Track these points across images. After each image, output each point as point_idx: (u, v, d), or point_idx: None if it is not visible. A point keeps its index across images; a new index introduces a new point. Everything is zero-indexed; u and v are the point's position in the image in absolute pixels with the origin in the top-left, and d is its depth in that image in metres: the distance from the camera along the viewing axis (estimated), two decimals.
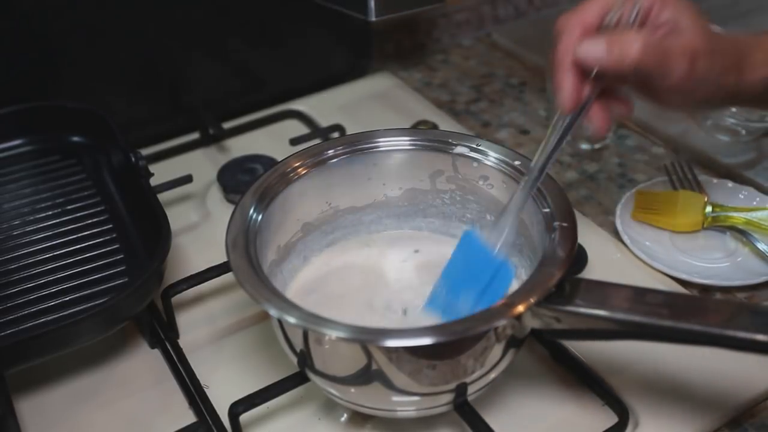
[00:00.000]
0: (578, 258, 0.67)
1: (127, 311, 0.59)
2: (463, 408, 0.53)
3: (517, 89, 0.96)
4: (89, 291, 0.63)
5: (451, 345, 0.48)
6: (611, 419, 0.55)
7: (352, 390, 0.52)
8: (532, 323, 0.50)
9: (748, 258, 0.69)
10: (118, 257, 0.67)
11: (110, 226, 0.70)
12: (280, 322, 0.52)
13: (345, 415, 0.57)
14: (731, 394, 0.57)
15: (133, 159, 0.69)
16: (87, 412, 0.59)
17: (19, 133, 0.78)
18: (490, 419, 0.53)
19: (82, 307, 0.61)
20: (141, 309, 0.60)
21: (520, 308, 0.48)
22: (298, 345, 0.52)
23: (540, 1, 1.12)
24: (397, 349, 0.47)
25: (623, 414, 0.55)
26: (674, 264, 0.68)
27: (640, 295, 0.50)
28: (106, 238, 0.69)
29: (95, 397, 0.60)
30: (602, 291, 0.50)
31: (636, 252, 0.69)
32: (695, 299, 0.51)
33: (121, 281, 0.64)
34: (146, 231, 0.68)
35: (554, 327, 0.50)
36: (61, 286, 0.64)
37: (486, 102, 0.94)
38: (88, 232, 0.69)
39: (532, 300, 0.48)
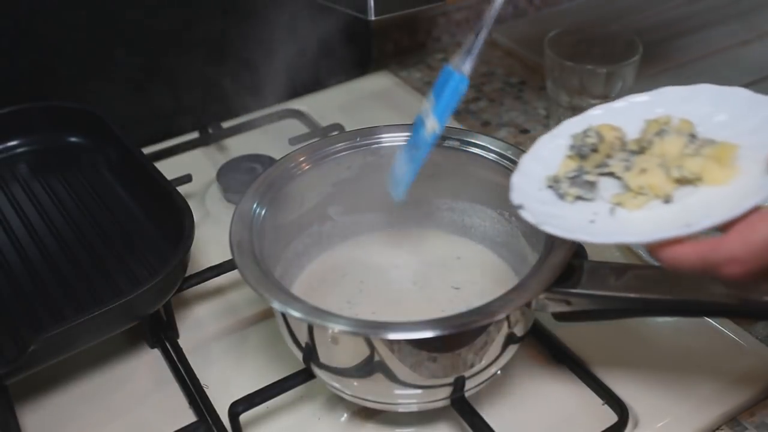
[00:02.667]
0: (578, 257, 0.67)
1: (144, 308, 0.59)
2: (461, 405, 0.53)
3: (516, 88, 0.96)
4: (103, 289, 0.63)
5: (454, 335, 0.48)
6: (611, 418, 0.55)
7: (355, 383, 0.53)
8: (544, 307, 0.51)
9: None
10: (122, 256, 0.67)
11: (111, 226, 0.70)
12: (285, 318, 0.52)
13: (345, 415, 0.58)
14: (731, 393, 0.57)
15: (135, 154, 0.69)
16: (86, 412, 0.59)
17: (18, 134, 0.78)
18: (490, 417, 0.53)
19: (103, 305, 0.57)
20: (161, 305, 0.60)
21: (531, 293, 0.49)
22: (303, 339, 0.52)
23: (540, 0, 1.12)
24: (399, 342, 0.48)
25: (623, 413, 0.55)
26: None
27: (645, 271, 0.51)
28: (107, 237, 0.69)
29: (95, 397, 0.60)
30: (608, 271, 0.51)
31: (636, 251, 0.69)
32: None
33: (128, 280, 0.64)
34: (148, 230, 0.68)
35: (565, 310, 0.50)
36: (70, 287, 0.64)
37: (486, 101, 0.94)
38: (89, 232, 0.69)
39: (541, 285, 0.49)
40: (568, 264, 0.50)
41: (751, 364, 0.59)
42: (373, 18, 0.75)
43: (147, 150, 0.83)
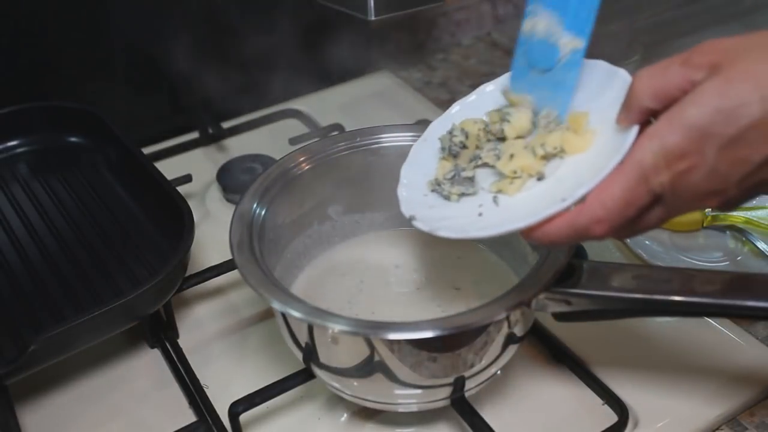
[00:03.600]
0: (578, 257, 0.67)
1: (144, 308, 0.59)
2: (461, 405, 0.53)
3: None
4: (103, 289, 0.63)
5: (454, 335, 0.48)
6: (611, 418, 0.55)
7: (355, 383, 0.53)
8: (544, 307, 0.51)
9: (748, 257, 0.69)
10: (122, 256, 0.67)
11: (111, 226, 0.70)
12: (285, 318, 0.52)
13: (345, 415, 0.58)
14: (731, 393, 0.57)
15: (135, 154, 0.69)
16: (86, 412, 0.59)
17: (18, 134, 0.78)
18: (490, 417, 0.53)
19: (103, 305, 0.57)
20: (161, 305, 0.60)
21: (531, 293, 0.49)
22: (303, 339, 0.52)
23: None
24: (399, 342, 0.48)
25: (623, 413, 0.55)
26: (674, 263, 0.68)
27: (645, 271, 0.51)
28: (107, 237, 0.69)
29: (95, 397, 0.60)
30: (608, 271, 0.51)
31: (636, 251, 0.69)
32: (700, 273, 0.51)
33: (128, 280, 0.64)
34: (148, 230, 0.68)
35: (565, 310, 0.51)
36: (70, 287, 0.64)
37: None
38: (89, 232, 0.69)
39: (541, 285, 0.49)
40: (568, 264, 0.50)
41: (751, 364, 0.59)
42: (373, 18, 0.75)
43: (147, 150, 0.83)
